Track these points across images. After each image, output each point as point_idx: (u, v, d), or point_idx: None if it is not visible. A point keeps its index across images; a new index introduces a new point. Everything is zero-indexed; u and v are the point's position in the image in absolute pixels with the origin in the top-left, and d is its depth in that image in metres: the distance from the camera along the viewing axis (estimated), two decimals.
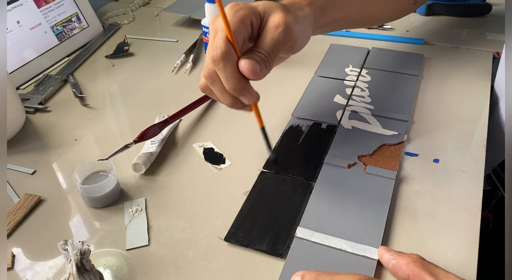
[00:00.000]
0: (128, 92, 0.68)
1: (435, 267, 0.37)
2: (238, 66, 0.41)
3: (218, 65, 0.41)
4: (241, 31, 0.42)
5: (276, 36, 0.43)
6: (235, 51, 0.41)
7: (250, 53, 0.42)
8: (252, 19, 0.43)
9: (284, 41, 0.43)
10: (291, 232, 0.44)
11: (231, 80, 0.42)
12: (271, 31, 0.43)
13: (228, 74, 0.41)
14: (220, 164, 0.53)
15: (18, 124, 0.60)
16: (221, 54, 0.40)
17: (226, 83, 0.42)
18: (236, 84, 0.42)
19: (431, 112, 0.59)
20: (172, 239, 0.44)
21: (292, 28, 0.43)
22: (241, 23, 0.42)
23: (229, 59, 0.41)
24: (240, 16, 0.42)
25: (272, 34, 0.43)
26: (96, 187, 0.47)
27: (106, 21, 0.89)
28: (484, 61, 0.69)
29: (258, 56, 0.42)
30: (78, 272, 0.36)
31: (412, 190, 0.48)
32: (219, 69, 0.41)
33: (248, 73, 0.41)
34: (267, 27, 0.43)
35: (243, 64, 0.41)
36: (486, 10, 0.82)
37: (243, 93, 0.43)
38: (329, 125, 0.57)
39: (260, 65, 0.41)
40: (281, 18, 0.43)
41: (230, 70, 0.41)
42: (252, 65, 0.41)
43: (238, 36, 0.42)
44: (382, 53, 0.71)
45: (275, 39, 0.43)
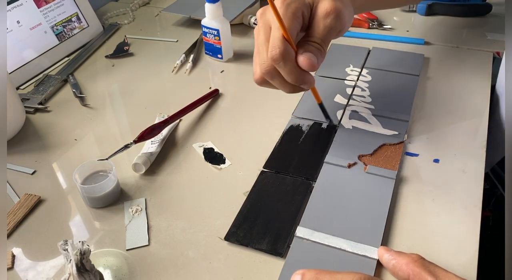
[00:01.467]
0: (128, 92, 0.68)
1: (435, 266, 0.37)
2: (296, 61, 0.43)
3: (279, 64, 0.43)
4: (295, 26, 0.43)
5: (328, 23, 0.44)
6: (292, 47, 0.43)
7: (305, 45, 0.44)
8: (304, 10, 0.44)
9: (336, 27, 0.45)
10: (291, 232, 0.44)
11: (292, 74, 0.44)
12: (322, 19, 0.44)
13: (289, 70, 0.43)
14: (220, 164, 0.53)
15: (18, 124, 0.60)
16: (280, 53, 0.42)
17: (288, 77, 0.44)
18: (298, 77, 0.44)
19: (431, 112, 0.59)
20: (172, 239, 0.44)
21: (342, 13, 0.44)
22: (294, 17, 0.43)
23: (288, 57, 0.43)
24: (293, 10, 0.43)
25: (325, 21, 0.44)
26: (96, 187, 0.47)
27: (106, 21, 0.89)
28: (484, 61, 0.69)
29: (314, 47, 0.43)
30: (78, 272, 0.36)
31: (412, 190, 0.48)
32: (280, 66, 0.43)
33: (308, 68, 0.43)
34: (318, 16, 0.44)
35: (302, 60, 0.43)
36: (486, 10, 0.82)
37: (304, 82, 0.45)
38: (329, 125, 0.57)
39: (316, 56, 0.43)
40: (331, 5, 0.44)
41: (290, 66, 0.43)
42: (311, 60, 0.43)
43: (292, 31, 0.43)
44: (383, 53, 0.71)
45: (327, 27, 0.44)
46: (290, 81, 0.45)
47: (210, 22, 0.70)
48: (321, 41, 0.44)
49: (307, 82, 0.45)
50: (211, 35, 0.71)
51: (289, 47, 0.43)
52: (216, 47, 0.72)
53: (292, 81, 0.45)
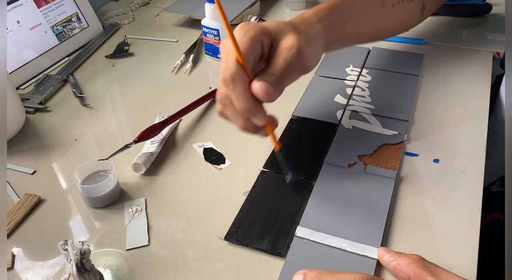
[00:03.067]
0: (128, 92, 0.68)
1: (436, 267, 0.37)
2: (249, 87, 0.41)
3: (229, 87, 0.41)
4: (251, 52, 0.41)
5: (289, 58, 0.42)
6: (246, 72, 0.41)
7: (262, 75, 0.41)
8: (263, 39, 0.42)
9: (296, 63, 0.43)
10: (291, 232, 0.44)
11: (241, 100, 0.41)
12: (283, 53, 0.42)
13: (238, 94, 0.41)
14: (220, 164, 0.53)
15: (18, 124, 0.60)
16: (231, 75, 0.40)
17: (237, 104, 0.42)
18: (247, 104, 0.41)
19: (431, 112, 0.59)
20: (172, 239, 0.44)
21: (304, 51, 0.43)
22: (251, 43, 0.41)
23: (239, 80, 0.41)
24: (250, 36, 0.41)
25: (285, 56, 0.42)
26: (96, 187, 0.47)
27: (106, 21, 0.89)
28: (484, 61, 0.69)
29: (271, 78, 0.41)
30: (78, 272, 0.36)
31: (412, 190, 0.48)
32: (229, 90, 0.41)
33: (261, 95, 0.41)
34: (279, 49, 0.43)
35: (256, 86, 0.41)
36: (486, 10, 0.82)
37: (254, 113, 0.42)
38: (329, 125, 0.57)
39: (273, 87, 0.41)
40: (294, 40, 0.42)
41: (240, 90, 0.41)
42: (266, 87, 0.40)
43: (248, 56, 0.41)
44: (383, 53, 0.71)
45: (287, 61, 0.42)
46: (239, 109, 0.42)
47: (210, 22, 0.70)
48: (279, 74, 0.42)
49: (257, 114, 0.42)
50: (211, 35, 0.71)
51: (242, 70, 0.41)
52: (216, 47, 0.72)
53: (241, 109, 0.41)
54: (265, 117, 0.43)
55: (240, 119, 0.43)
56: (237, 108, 0.42)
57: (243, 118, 0.43)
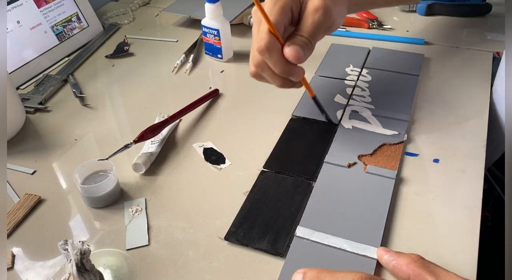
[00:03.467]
0: (128, 92, 0.68)
1: (436, 266, 0.37)
2: (283, 53, 0.45)
3: (264, 55, 0.45)
4: (282, 20, 0.45)
5: (316, 19, 0.45)
6: (278, 39, 0.45)
7: (293, 38, 0.45)
8: (292, 6, 0.46)
9: (324, 23, 0.46)
10: (291, 231, 0.44)
11: (278, 66, 0.46)
12: (311, 14, 0.45)
13: (275, 61, 0.45)
14: (220, 164, 0.53)
15: (18, 124, 0.60)
16: (265, 45, 0.44)
17: (275, 69, 0.46)
18: (284, 68, 0.46)
19: (431, 112, 0.59)
20: (172, 239, 0.44)
21: (330, 10, 0.46)
22: (281, 12, 0.45)
23: (273, 49, 0.44)
24: (280, 5, 0.45)
25: (313, 17, 0.45)
26: (96, 187, 0.47)
27: (106, 21, 0.89)
28: (484, 61, 0.69)
29: (301, 40, 0.45)
30: (78, 272, 0.36)
31: (412, 190, 0.48)
32: (266, 58, 0.45)
33: (293, 59, 0.45)
34: (307, 11, 0.46)
35: (287, 51, 0.45)
36: (486, 10, 0.82)
37: (292, 73, 0.46)
38: (329, 125, 0.57)
39: (303, 49, 0.45)
40: (319, 1, 0.45)
41: (276, 57, 0.45)
42: (296, 51, 0.44)
43: (279, 25, 0.45)
44: (383, 53, 0.71)
45: (315, 22, 0.45)
46: (277, 72, 0.46)
47: (210, 22, 0.70)
48: (308, 35, 0.45)
49: (294, 74, 0.46)
50: (211, 35, 0.71)
51: (274, 39, 0.44)
52: (216, 47, 0.72)
53: (279, 72, 0.46)
54: (301, 74, 0.48)
55: (279, 79, 0.48)
56: (275, 71, 0.46)
57: (281, 79, 0.48)
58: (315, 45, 0.46)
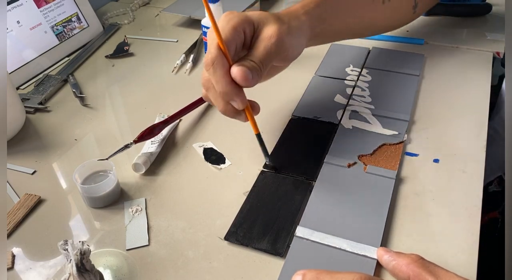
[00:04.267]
0: (128, 92, 0.68)
1: (435, 266, 0.37)
2: (229, 72, 0.43)
3: (209, 70, 0.43)
4: (233, 39, 0.44)
5: (269, 46, 0.44)
6: (226, 57, 0.43)
7: (242, 61, 0.44)
8: (245, 27, 0.45)
9: (276, 51, 0.45)
10: (291, 231, 0.44)
11: (221, 83, 0.43)
12: (264, 41, 0.45)
13: (218, 77, 0.43)
14: (220, 164, 0.53)
15: (18, 124, 0.60)
16: (211, 59, 0.43)
17: (217, 87, 0.44)
18: (226, 87, 0.43)
19: (431, 112, 0.59)
20: (172, 239, 0.44)
21: (284, 39, 0.45)
22: (234, 30, 0.44)
23: (219, 64, 0.43)
24: (233, 24, 0.44)
25: (265, 44, 0.45)
26: (96, 187, 0.47)
27: (106, 21, 0.89)
28: (484, 61, 0.69)
29: (250, 64, 0.43)
30: (78, 272, 0.36)
31: (412, 190, 0.48)
32: (210, 73, 0.43)
33: (239, 79, 0.43)
34: (261, 37, 0.45)
35: (235, 70, 0.43)
36: (486, 10, 0.82)
37: (232, 97, 0.44)
38: (329, 125, 0.57)
39: (252, 72, 0.43)
40: (274, 29, 0.45)
41: (220, 74, 0.43)
42: (244, 72, 0.42)
43: (230, 43, 0.43)
44: (383, 53, 0.71)
45: (267, 49, 0.44)
46: (219, 91, 0.44)
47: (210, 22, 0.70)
48: (258, 61, 0.44)
49: (236, 97, 0.44)
50: None
51: (222, 55, 0.43)
52: None
53: (221, 92, 0.44)
54: (244, 101, 0.45)
55: (221, 102, 0.45)
56: (217, 91, 0.44)
57: (223, 101, 0.45)
58: (264, 72, 0.45)
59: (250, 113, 0.47)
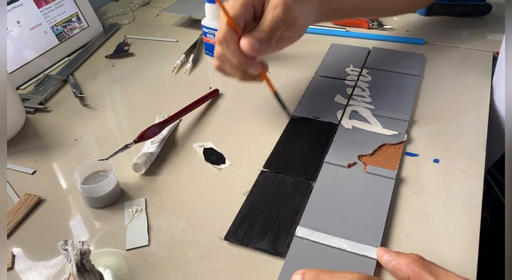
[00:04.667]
0: (128, 92, 0.68)
1: (435, 266, 0.37)
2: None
3: (222, 46, 0.47)
4: (242, 14, 0.47)
5: (276, 15, 0.47)
6: (236, 32, 0.47)
7: (250, 32, 0.47)
8: (254, 3, 0.48)
9: (284, 19, 0.48)
10: (291, 231, 0.44)
11: (235, 57, 0.47)
12: (271, 10, 0.47)
13: (232, 51, 0.47)
14: (220, 164, 0.53)
15: (18, 124, 0.60)
16: (223, 36, 0.47)
17: (232, 60, 0.48)
18: (241, 60, 0.47)
19: (431, 112, 0.59)
20: (172, 239, 0.44)
21: (290, 6, 0.48)
22: (242, 6, 0.47)
23: (230, 40, 0.47)
24: (242, 1, 0.47)
25: (272, 13, 0.47)
26: (96, 187, 0.47)
27: (106, 21, 0.89)
28: (484, 61, 0.69)
29: (258, 34, 0.47)
30: (78, 272, 0.36)
31: (412, 190, 0.48)
32: (224, 49, 0.47)
33: (247, 50, 0.46)
34: (268, 7, 0.48)
35: (242, 43, 0.46)
36: (486, 10, 0.82)
37: (248, 66, 0.48)
38: (329, 125, 0.57)
39: (260, 42, 0.46)
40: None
41: (233, 48, 0.47)
42: (251, 43, 0.46)
43: (238, 18, 0.47)
44: (383, 53, 0.71)
45: (274, 18, 0.47)
46: (235, 63, 0.48)
47: (210, 22, 0.70)
48: (267, 29, 0.47)
49: (251, 66, 0.48)
50: (211, 35, 0.71)
51: (232, 31, 0.46)
52: None
53: (237, 64, 0.48)
54: (258, 67, 0.49)
55: (238, 72, 0.50)
56: (233, 62, 0.48)
57: (240, 71, 0.50)
58: (273, 41, 0.48)
59: (265, 75, 0.52)
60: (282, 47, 0.54)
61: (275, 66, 0.70)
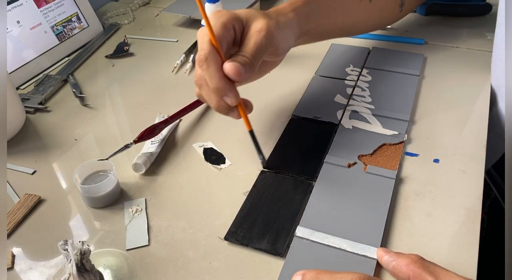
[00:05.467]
0: (128, 92, 0.68)
1: (435, 266, 0.37)
2: (222, 67, 0.44)
3: (202, 66, 0.44)
4: (224, 35, 0.45)
5: (259, 40, 0.45)
6: (219, 53, 0.44)
7: (234, 57, 0.44)
8: (235, 24, 0.45)
9: (267, 45, 0.46)
10: (291, 231, 0.44)
11: (214, 79, 0.44)
12: (254, 35, 0.45)
13: (212, 73, 0.44)
14: (220, 164, 0.53)
15: (18, 124, 0.60)
16: (204, 55, 0.43)
17: (210, 83, 0.44)
18: (219, 83, 0.44)
19: (431, 112, 0.59)
20: (172, 239, 0.44)
21: (273, 33, 0.46)
22: (224, 27, 0.44)
23: (212, 59, 0.43)
24: (223, 21, 0.45)
25: (255, 38, 0.45)
26: (96, 187, 0.47)
27: (106, 21, 0.89)
28: (484, 61, 0.69)
29: (243, 59, 0.44)
30: (78, 272, 0.36)
31: (412, 190, 0.48)
32: (204, 69, 0.44)
33: (232, 75, 0.43)
34: (250, 32, 0.46)
35: (227, 66, 0.43)
36: (486, 10, 0.82)
37: (226, 92, 0.45)
38: (329, 125, 0.57)
39: (244, 67, 0.44)
40: (263, 23, 0.46)
41: (213, 69, 0.44)
42: (236, 67, 0.43)
43: (221, 39, 0.44)
44: (383, 53, 0.71)
45: (257, 43, 0.45)
46: (212, 87, 0.44)
47: None
48: (250, 55, 0.45)
49: (229, 93, 0.45)
50: None
51: (215, 50, 0.44)
52: None
53: (214, 88, 0.44)
54: (237, 97, 0.45)
55: (214, 98, 0.46)
56: (210, 87, 0.45)
57: (216, 97, 0.45)
58: (256, 66, 0.45)
59: (243, 109, 0.48)
60: (263, 73, 0.52)
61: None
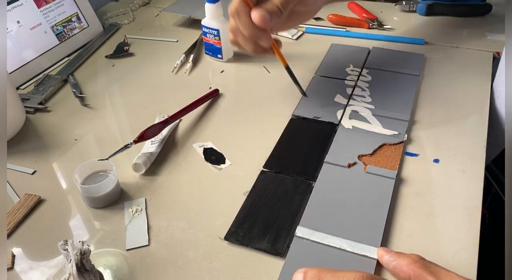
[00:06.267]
0: (128, 92, 0.68)
1: (436, 266, 0.37)
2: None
3: (234, 17, 0.49)
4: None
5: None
6: (248, 4, 0.49)
7: (262, 4, 0.49)
8: None
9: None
10: (291, 231, 0.44)
11: (246, 28, 0.49)
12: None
13: (243, 23, 0.49)
14: (220, 164, 0.53)
15: (18, 124, 0.60)
16: (235, 8, 0.49)
17: (244, 31, 0.50)
18: (252, 31, 0.49)
19: (431, 112, 0.59)
20: (172, 239, 0.44)
21: None
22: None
23: (242, 11, 0.49)
24: None
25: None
26: (96, 187, 0.47)
27: (106, 21, 0.89)
28: (484, 61, 0.69)
29: (269, 6, 0.48)
30: (78, 272, 0.36)
31: (412, 190, 0.48)
32: (236, 20, 0.50)
33: (258, 22, 0.48)
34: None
35: (253, 14, 0.48)
36: (486, 10, 0.82)
37: (259, 37, 0.50)
38: (329, 125, 0.57)
39: (271, 14, 0.48)
40: None
41: (244, 19, 0.49)
42: (261, 15, 0.48)
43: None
44: (383, 53, 0.71)
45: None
46: (246, 35, 0.50)
47: (210, 22, 0.70)
48: (278, 2, 0.49)
49: (262, 38, 0.50)
50: (211, 35, 0.71)
51: (243, 3, 0.48)
52: (216, 47, 0.72)
53: (247, 35, 0.50)
54: (269, 40, 0.51)
55: (249, 43, 0.52)
56: (245, 34, 0.50)
57: (251, 42, 0.51)
58: (285, 13, 0.49)
59: (277, 48, 0.54)
60: (295, 23, 0.56)
61: (275, 67, 0.70)
